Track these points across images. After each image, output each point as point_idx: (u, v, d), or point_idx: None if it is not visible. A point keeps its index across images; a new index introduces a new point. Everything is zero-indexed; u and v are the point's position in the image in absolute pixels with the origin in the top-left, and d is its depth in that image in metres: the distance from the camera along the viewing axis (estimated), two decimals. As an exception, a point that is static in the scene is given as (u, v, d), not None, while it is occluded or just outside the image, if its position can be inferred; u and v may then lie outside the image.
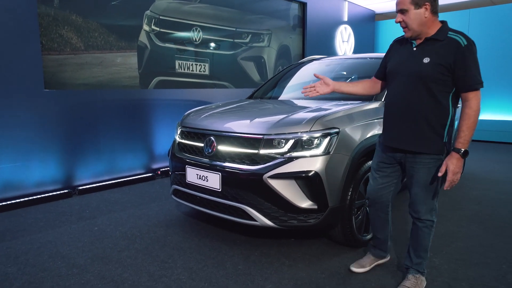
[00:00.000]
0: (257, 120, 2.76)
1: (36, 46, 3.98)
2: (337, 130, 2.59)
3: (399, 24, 2.10)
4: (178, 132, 3.27)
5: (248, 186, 2.58)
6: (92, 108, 4.52)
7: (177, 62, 5.45)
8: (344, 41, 8.74)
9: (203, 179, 2.80)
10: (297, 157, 2.51)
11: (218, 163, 2.75)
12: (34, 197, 4.03)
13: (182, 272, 2.53)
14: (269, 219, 2.55)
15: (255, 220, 2.58)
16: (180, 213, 3.71)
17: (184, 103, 5.39)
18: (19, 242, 3.02)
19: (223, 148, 2.77)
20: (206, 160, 2.85)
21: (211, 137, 2.84)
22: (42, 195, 4.09)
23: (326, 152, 2.53)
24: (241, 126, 2.77)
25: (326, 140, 2.54)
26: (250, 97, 4.14)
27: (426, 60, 2.01)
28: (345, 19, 8.78)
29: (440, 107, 2.04)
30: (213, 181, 2.73)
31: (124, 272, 2.54)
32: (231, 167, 2.66)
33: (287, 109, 3.13)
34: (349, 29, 8.92)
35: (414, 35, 2.08)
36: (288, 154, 2.53)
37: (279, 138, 2.57)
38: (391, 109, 2.21)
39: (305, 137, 2.53)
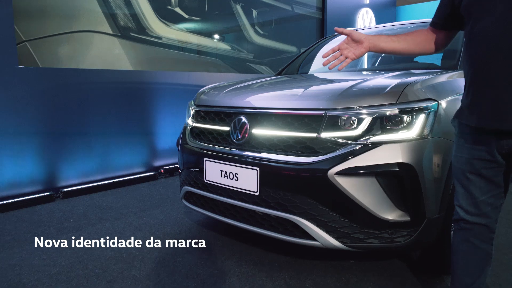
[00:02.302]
0: (313, 89, 1.90)
1: (7, 10, 3.11)
2: (434, 102, 1.73)
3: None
4: (191, 113, 2.40)
5: (302, 188, 1.71)
6: (80, 90, 3.65)
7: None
8: (366, 26, 7.89)
9: (231, 177, 1.93)
10: (378, 143, 1.65)
11: (254, 154, 1.89)
12: (5, 201, 3.16)
13: (204, 317, 1.67)
14: (336, 238, 1.68)
15: (313, 239, 1.71)
16: (192, 222, 2.85)
17: (192, 88, 4.52)
18: (-31, 267, 2.15)
19: (260, 132, 1.91)
20: (234, 150, 1.98)
21: (242, 117, 1.98)
22: (16, 199, 3.22)
23: (422, 135, 1.66)
24: (288, 98, 1.91)
25: (421, 117, 1.68)
26: (278, 75, 3.28)
27: None
28: (367, 1, 7.94)
29: None
30: (247, 180, 1.86)
31: (115, 318, 1.67)
32: (275, 159, 1.80)
33: (346, 79, 2.26)
34: (370, 13, 8.07)
35: None
36: (363, 139, 1.67)
37: (349, 114, 1.70)
38: (488, 68, 1.23)
39: (389, 112, 1.67)
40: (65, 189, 3.52)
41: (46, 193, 3.39)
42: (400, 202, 1.65)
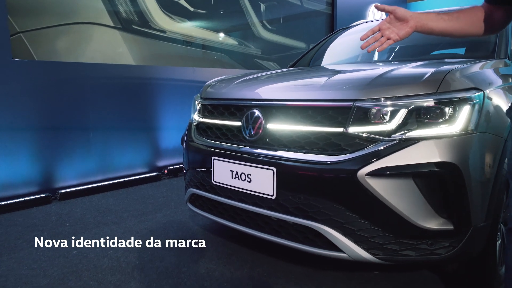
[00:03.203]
0: (338, 78, 1.68)
1: (0, -1, 2.91)
2: (479, 92, 1.49)
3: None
4: (198, 107, 2.18)
5: (327, 191, 1.48)
6: (79, 86, 3.44)
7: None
8: (376, 19, 7.64)
9: (243, 178, 1.70)
10: (415, 139, 1.41)
11: (270, 152, 1.66)
12: (-2, 203, 2.96)
13: None
14: (366, 249, 1.45)
15: (339, 250, 1.48)
16: (197, 227, 2.62)
17: (198, 84, 4.30)
18: (-49, 278, 1.94)
19: (276, 127, 1.68)
20: (247, 148, 1.75)
21: (255, 110, 1.75)
22: (9, 201, 3.01)
23: (466, 130, 1.43)
24: (309, 88, 1.68)
25: (466, 109, 1.44)
26: (291, 67, 3.04)
27: None
28: (377, -3, 7.70)
29: None
30: (262, 181, 1.63)
31: None
32: (295, 158, 1.56)
33: (372, 68, 2.02)
34: (380, 9, 7.83)
35: None
36: (398, 134, 1.43)
37: (381, 105, 1.47)
38: None
39: (428, 103, 1.43)
40: (63, 191, 3.31)
41: (42, 195, 3.18)
42: (442, 208, 1.41)
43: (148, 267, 2.05)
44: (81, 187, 3.43)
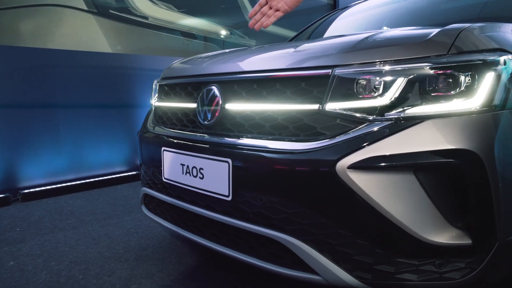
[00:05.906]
0: (314, 44, 1.30)
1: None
2: (508, 55, 1.09)
3: None
4: (156, 89, 1.81)
5: (296, 191, 1.09)
6: (47, 75, 3.10)
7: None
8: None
9: (195, 174, 1.32)
10: (418, 119, 1.01)
11: (226, 139, 1.27)
12: None
13: None
14: (349, 271, 1.05)
15: (312, 272, 1.08)
16: (165, 234, 2.25)
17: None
18: None
19: (237, 107, 1.29)
20: (202, 136, 1.37)
21: (212, 87, 1.36)
22: (-38, 202, 2.69)
23: (490, 106, 1.02)
24: (277, 57, 1.30)
25: (489, 76, 1.04)
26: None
27: None
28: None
29: None
30: (215, 178, 1.24)
31: None
32: (255, 146, 1.18)
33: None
34: (387, 1, 7.39)
35: None
36: (395, 112, 1.04)
37: (370, 72, 1.07)
38: None
39: (436, 69, 1.03)
40: (26, 191, 2.97)
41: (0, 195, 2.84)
42: (455, 215, 1.01)
43: (91, 283, 1.67)
44: (48, 187, 3.08)
